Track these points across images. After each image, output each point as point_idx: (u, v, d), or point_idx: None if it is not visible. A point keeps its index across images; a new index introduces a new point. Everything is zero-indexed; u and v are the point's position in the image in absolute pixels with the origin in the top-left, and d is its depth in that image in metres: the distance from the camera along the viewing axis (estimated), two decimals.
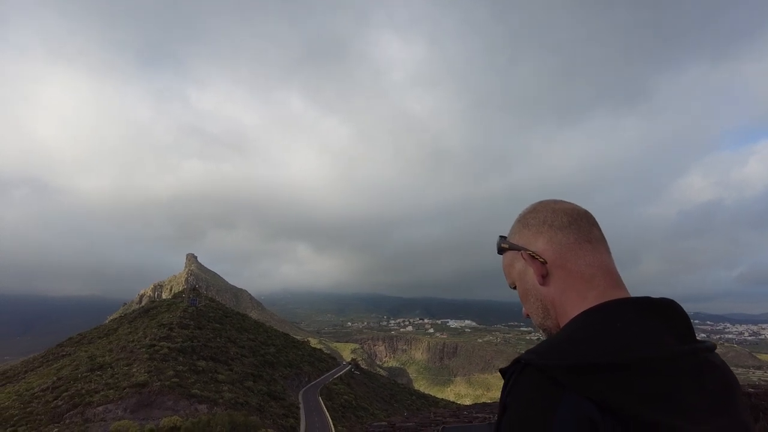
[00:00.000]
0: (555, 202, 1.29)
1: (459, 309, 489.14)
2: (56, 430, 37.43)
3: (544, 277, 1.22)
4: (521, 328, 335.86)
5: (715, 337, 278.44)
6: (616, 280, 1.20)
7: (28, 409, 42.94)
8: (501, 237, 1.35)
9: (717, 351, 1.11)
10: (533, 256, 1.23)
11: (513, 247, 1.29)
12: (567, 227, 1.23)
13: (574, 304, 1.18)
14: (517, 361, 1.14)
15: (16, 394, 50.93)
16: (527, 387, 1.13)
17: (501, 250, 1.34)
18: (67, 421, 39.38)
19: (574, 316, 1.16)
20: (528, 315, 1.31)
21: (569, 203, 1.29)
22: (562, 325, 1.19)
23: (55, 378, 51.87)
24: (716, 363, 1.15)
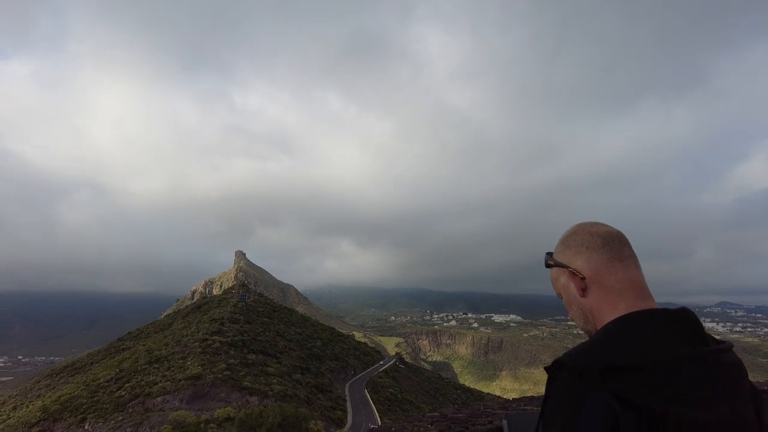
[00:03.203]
0: (592, 225, 1.59)
1: (503, 303, 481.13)
2: (120, 418, 39.67)
3: (584, 291, 1.52)
4: (568, 323, 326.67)
5: None
6: (643, 292, 1.48)
7: (95, 399, 45.71)
8: (547, 254, 1.65)
9: None
10: (574, 273, 1.54)
11: (558, 264, 1.60)
12: (601, 248, 1.52)
13: (607, 312, 1.47)
14: (556, 361, 1.47)
15: (84, 384, 54.30)
16: (563, 382, 1.47)
17: (548, 265, 1.65)
18: (130, 410, 41.64)
19: (606, 322, 1.47)
20: (572, 319, 1.63)
21: (604, 226, 1.58)
22: (598, 328, 1.48)
23: (117, 370, 54.91)
24: (726, 362, 1.45)
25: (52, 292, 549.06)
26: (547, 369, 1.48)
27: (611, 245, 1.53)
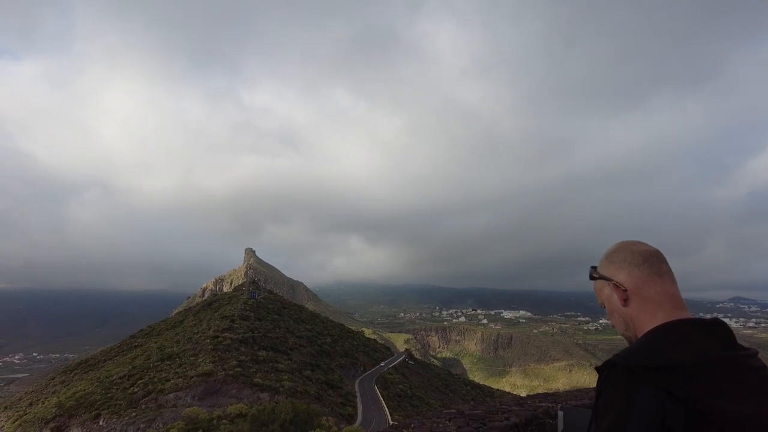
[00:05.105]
0: (633, 243, 1.84)
1: (513, 299, 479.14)
2: (134, 414, 40.13)
3: (626, 301, 1.77)
4: (578, 318, 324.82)
5: None
6: (679, 303, 1.73)
7: (108, 395, 46.33)
8: (592, 267, 1.89)
9: None
10: (617, 286, 1.78)
11: (602, 277, 1.84)
12: (642, 264, 1.76)
13: (646, 321, 1.73)
14: (607, 362, 1.71)
15: (98, 380, 55.03)
16: (616, 378, 1.70)
17: (592, 278, 1.89)
18: (143, 406, 42.12)
19: (647, 330, 1.71)
20: (614, 326, 1.86)
21: (644, 245, 1.83)
22: (639, 335, 1.73)
23: (130, 367, 55.55)
24: (755, 365, 1.71)
25: (64, 290, 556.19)
26: (597, 369, 1.69)
27: (650, 262, 1.76)
